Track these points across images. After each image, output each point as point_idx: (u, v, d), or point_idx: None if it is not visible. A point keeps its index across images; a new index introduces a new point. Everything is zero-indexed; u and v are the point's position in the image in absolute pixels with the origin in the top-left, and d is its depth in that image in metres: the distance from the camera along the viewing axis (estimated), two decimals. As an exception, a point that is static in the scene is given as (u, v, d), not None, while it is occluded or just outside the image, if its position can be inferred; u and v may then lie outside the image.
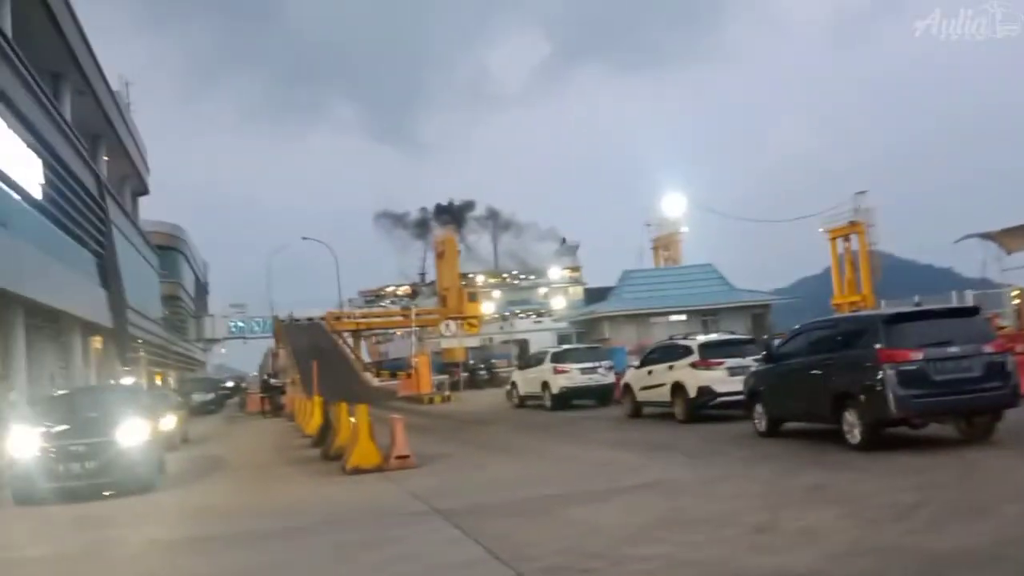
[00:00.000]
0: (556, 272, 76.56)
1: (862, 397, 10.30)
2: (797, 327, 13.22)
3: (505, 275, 78.38)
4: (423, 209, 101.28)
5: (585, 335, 52.93)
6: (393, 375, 47.37)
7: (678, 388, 16.55)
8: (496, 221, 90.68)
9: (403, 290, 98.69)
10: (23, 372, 24.29)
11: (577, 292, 73.52)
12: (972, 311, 11.81)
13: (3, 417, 16.15)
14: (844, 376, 10.71)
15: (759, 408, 12.97)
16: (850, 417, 10.54)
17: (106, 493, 11.26)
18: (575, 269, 79.53)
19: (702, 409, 16.16)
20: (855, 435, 10.44)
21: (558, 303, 68.87)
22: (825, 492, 8.15)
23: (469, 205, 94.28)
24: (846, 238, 51.01)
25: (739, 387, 14.12)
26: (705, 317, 51.14)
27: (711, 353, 16.43)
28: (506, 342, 63.50)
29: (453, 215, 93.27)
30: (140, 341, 45.17)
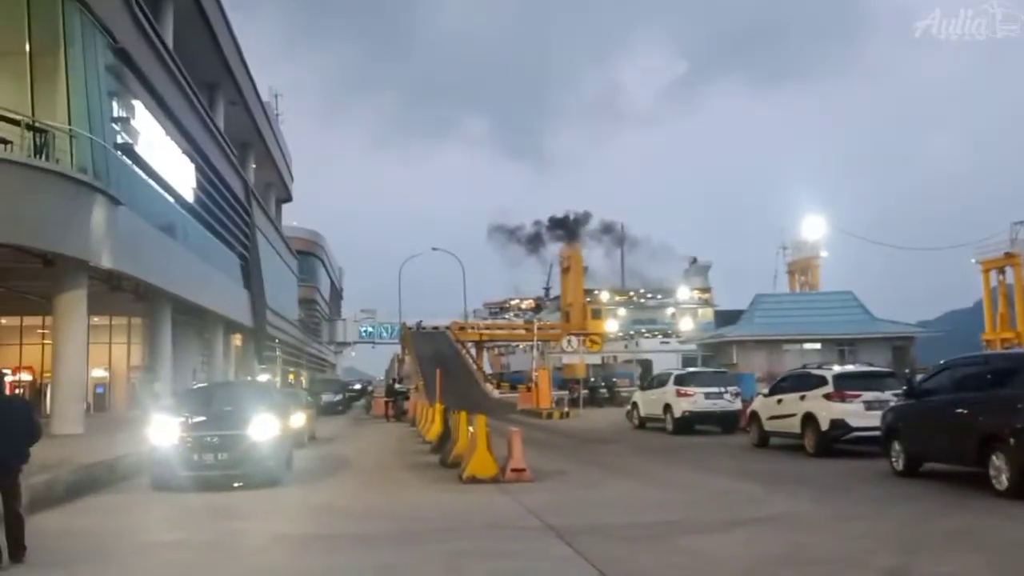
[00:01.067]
0: (685, 292, 75.00)
1: (1012, 440, 9.51)
2: (943, 362, 12.37)
3: (631, 293, 77.43)
4: (537, 223, 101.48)
5: (712, 359, 51.58)
6: (513, 387, 47.68)
7: (809, 419, 15.81)
8: (612, 235, 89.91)
9: (527, 303, 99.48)
10: (168, 364, 25.86)
11: (706, 314, 71.72)
12: None
13: (147, 406, 17.25)
14: (993, 417, 9.93)
15: (897, 446, 12.20)
16: (997, 461, 9.74)
17: (236, 484, 11.79)
18: (705, 290, 77.65)
19: (834, 443, 15.35)
20: (1002, 480, 9.64)
21: (686, 324, 67.48)
22: (967, 538, 7.55)
23: (585, 217, 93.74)
24: (1001, 270, 47.66)
25: (876, 422, 13.34)
26: (842, 347, 48.78)
27: (847, 385, 15.61)
28: (629, 361, 62.77)
29: (567, 229, 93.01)
30: (277, 341, 47.43)
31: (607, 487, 12.02)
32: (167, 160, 23.99)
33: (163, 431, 11.95)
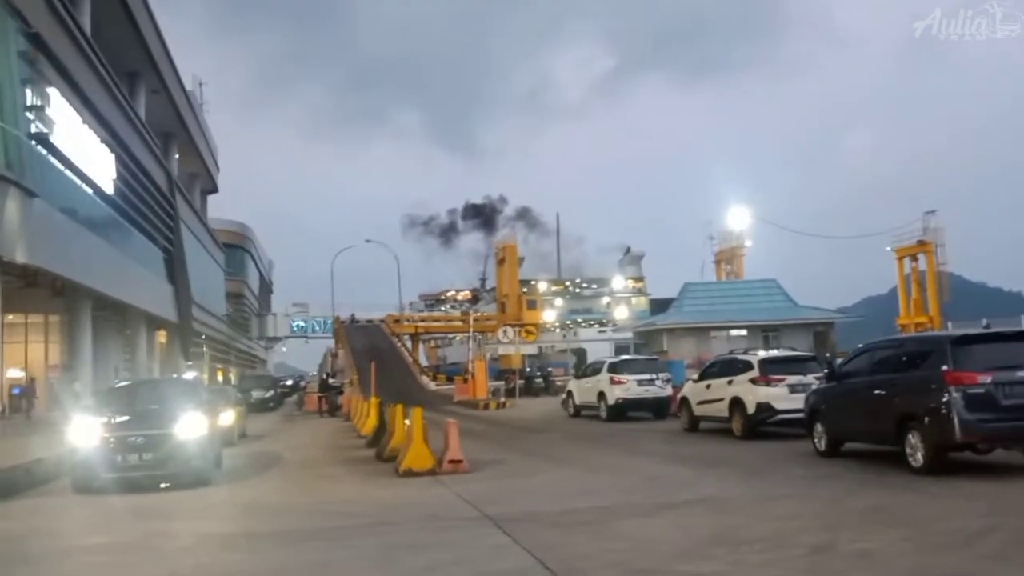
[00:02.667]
0: (620, 282, 75.92)
1: (926, 420, 9.93)
2: (861, 346, 12.83)
3: (567, 283, 78.00)
4: (452, 211, 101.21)
5: (644, 347, 52.46)
6: (450, 379, 47.64)
7: (737, 404, 16.23)
8: (526, 221, 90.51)
9: (463, 295, 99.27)
10: (88, 363, 25.03)
11: (641, 303, 72.76)
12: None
13: (67, 406, 16.66)
14: (908, 397, 10.36)
15: (819, 427, 12.63)
16: (913, 440, 10.18)
17: (163, 485, 11.49)
18: (639, 279, 78.80)
19: (760, 426, 15.82)
20: (918, 458, 10.07)
21: (621, 313, 68.39)
22: (886, 514, 7.86)
23: (502, 203, 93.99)
24: (914, 258, 49.61)
25: (799, 405, 13.78)
26: (766, 333, 50.19)
27: (772, 369, 16.08)
28: (563, 351, 63.38)
29: (484, 216, 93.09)
30: (203, 337, 46.32)
31: (543, 475, 12.12)
32: (85, 150, 23.12)
33: (84, 432, 11.56)
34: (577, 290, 77.44)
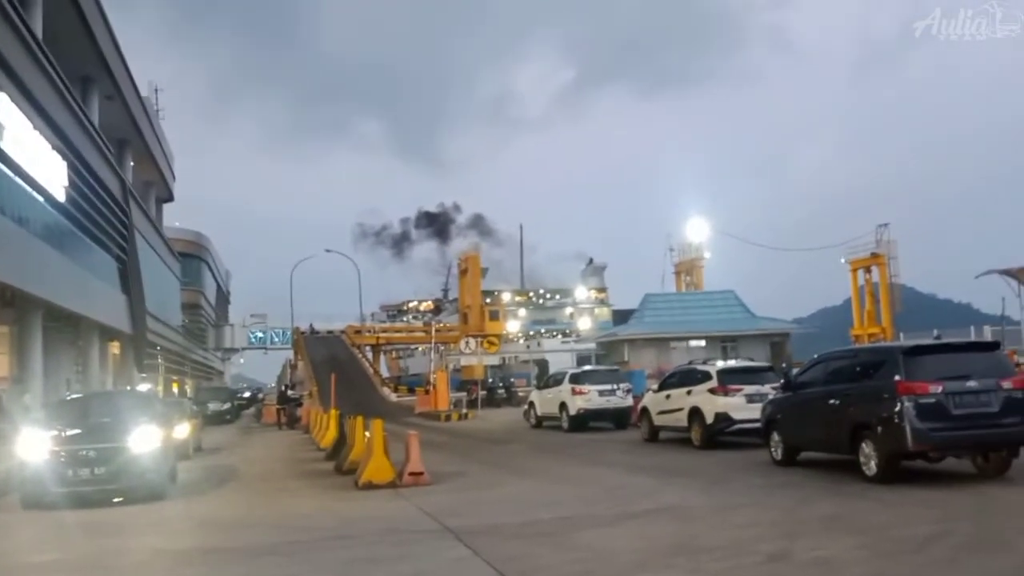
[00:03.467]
0: (582, 292, 76.22)
1: (879, 429, 10.13)
2: (816, 356, 13.04)
3: (531, 293, 78.08)
4: (405, 220, 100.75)
5: (606, 357, 52.74)
6: (411, 391, 47.33)
7: (695, 413, 16.38)
8: (478, 229, 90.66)
9: (425, 305, 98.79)
10: (39, 375, 24.42)
11: (604, 313, 73.13)
12: (992, 346, 11.65)
13: (16, 419, 16.21)
14: (862, 407, 10.55)
15: (776, 436, 12.80)
16: (867, 448, 10.37)
17: (116, 500, 11.23)
18: (601, 290, 79.18)
19: (719, 435, 15.99)
20: (871, 467, 10.26)
21: (584, 324, 68.55)
22: (841, 522, 7.99)
23: (456, 210, 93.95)
24: (867, 270, 50.59)
25: (757, 415, 13.93)
26: (725, 343, 50.84)
27: (730, 380, 16.25)
28: (526, 361, 63.43)
29: (437, 223, 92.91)
30: (158, 348, 45.50)
31: (504, 487, 12.09)
32: (36, 157, 22.61)
33: (33, 445, 11.26)
34: (540, 301, 77.62)
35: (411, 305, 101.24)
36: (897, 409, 9.80)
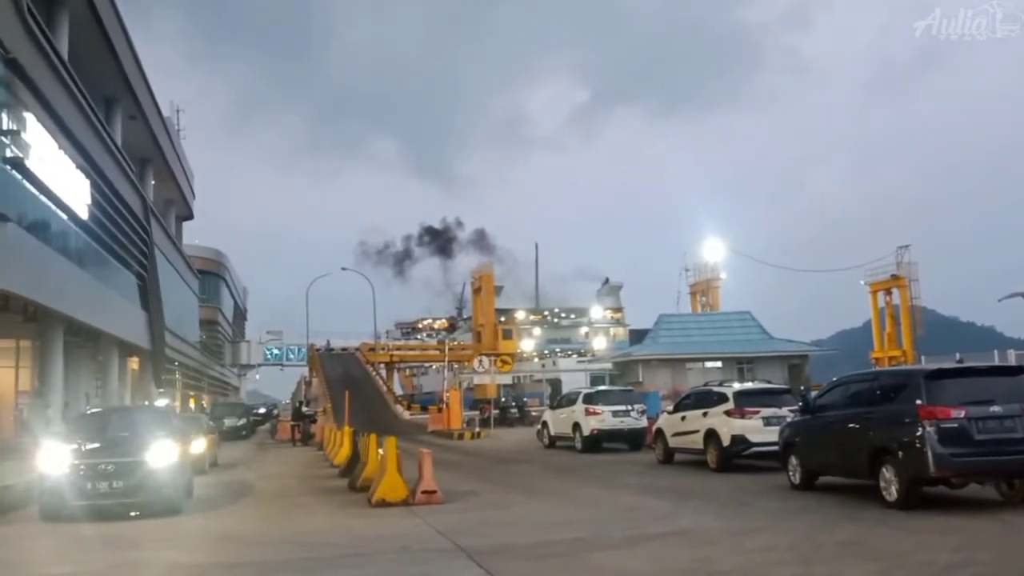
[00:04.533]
0: (598, 312, 75.99)
1: (900, 453, 10.01)
2: (835, 379, 12.94)
3: (546, 312, 77.92)
4: (407, 237, 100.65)
5: (620, 377, 52.48)
6: (424, 409, 47.35)
7: (711, 436, 16.26)
8: (480, 245, 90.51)
9: (440, 323, 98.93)
10: (59, 389, 24.63)
11: (620, 333, 72.88)
12: (1016, 370, 11.48)
13: (37, 432, 16.35)
14: (882, 431, 10.43)
15: (794, 460, 12.68)
16: (887, 473, 10.24)
17: (133, 514, 11.29)
18: (617, 310, 78.91)
19: (735, 458, 15.85)
20: (892, 492, 10.13)
21: (599, 343, 68.28)
22: (860, 548, 7.90)
23: (458, 226, 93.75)
24: (888, 292, 50.22)
25: (774, 437, 13.83)
26: (741, 365, 50.39)
27: (746, 402, 16.14)
28: (539, 380, 63.23)
29: (440, 239, 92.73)
30: (176, 364, 45.75)
31: (517, 507, 12.05)
32: (60, 176, 22.92)
33: (54, 458, 11.35)
34: (555, 320, 77.48)
35: (425, 323, 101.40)
36: (919, 434, 9.69)
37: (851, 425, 11.13)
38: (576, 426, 22.97)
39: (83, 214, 25.53)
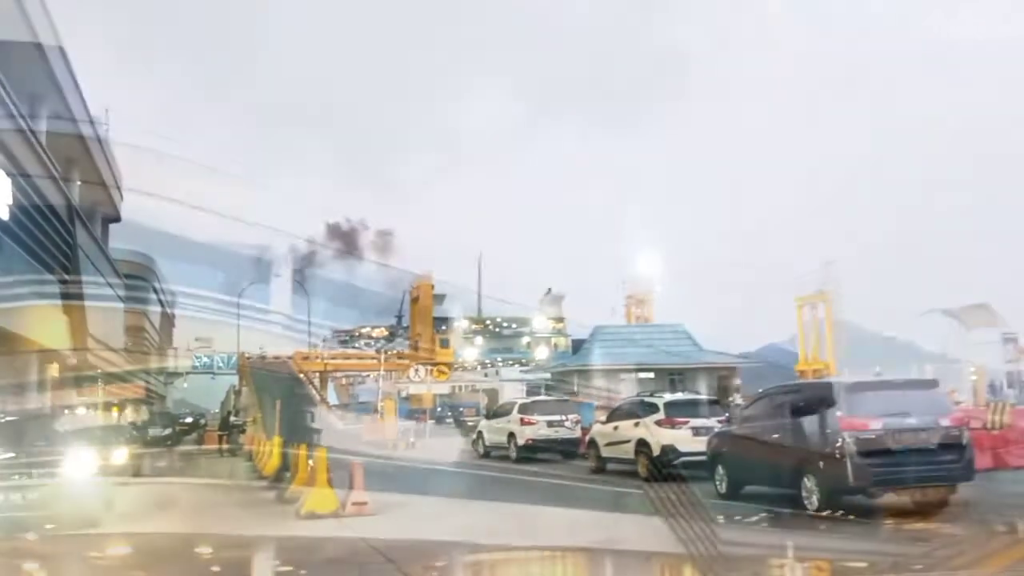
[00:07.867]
0: (540, 322, 76.17)
1: (821, 463, 10.32)
2: (761, 391, 13.26)
3: (487, 321, 77.79)
4: (310, 240, 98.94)
5: (556, 388, 52.74)
6: (359, 418, 46.77)
7: (642, 445, 16.48)
8: (383, 245, 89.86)
9: (378, 332, 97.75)
10: (-27, 397, 23.63)
11: (562, 343, 73.13)
12: (931, 383, 11.97)
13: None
14: (804, 442, 10.73)
15: (721, 469, 12.94)
16: (809, 483, 10.54)
17: (48, 526, 10.87)
18: (559, 320, 79.19)
19: (665, 467, 16.07)
20: (813, 501, 10.42)
21: (541, 353, 68.46)
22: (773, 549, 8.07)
23: (363, 226, 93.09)
24: (813, 306, 51.61)
25: (702, 447, 14.08)
26: (673, 376, 51.20)
27: (676, 412, 16.42)
28: (475, 391, 63.10)
29: (345, 239, 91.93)
30: (98, 371, 44.31)
31: (450, 517, 11.96)
32: (-23, 173, 22.09)
33: (-38, 470, 10.89)
34: (497, 329, 77.45)
35: (364, 331, 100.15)
36: (839, 445, 10.00)
37: (775, 436, 11.42)
38: (511, 436, 23.02)
39: (3, 214, 24.63)
